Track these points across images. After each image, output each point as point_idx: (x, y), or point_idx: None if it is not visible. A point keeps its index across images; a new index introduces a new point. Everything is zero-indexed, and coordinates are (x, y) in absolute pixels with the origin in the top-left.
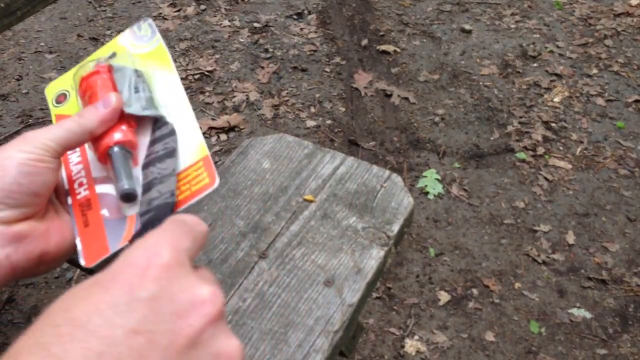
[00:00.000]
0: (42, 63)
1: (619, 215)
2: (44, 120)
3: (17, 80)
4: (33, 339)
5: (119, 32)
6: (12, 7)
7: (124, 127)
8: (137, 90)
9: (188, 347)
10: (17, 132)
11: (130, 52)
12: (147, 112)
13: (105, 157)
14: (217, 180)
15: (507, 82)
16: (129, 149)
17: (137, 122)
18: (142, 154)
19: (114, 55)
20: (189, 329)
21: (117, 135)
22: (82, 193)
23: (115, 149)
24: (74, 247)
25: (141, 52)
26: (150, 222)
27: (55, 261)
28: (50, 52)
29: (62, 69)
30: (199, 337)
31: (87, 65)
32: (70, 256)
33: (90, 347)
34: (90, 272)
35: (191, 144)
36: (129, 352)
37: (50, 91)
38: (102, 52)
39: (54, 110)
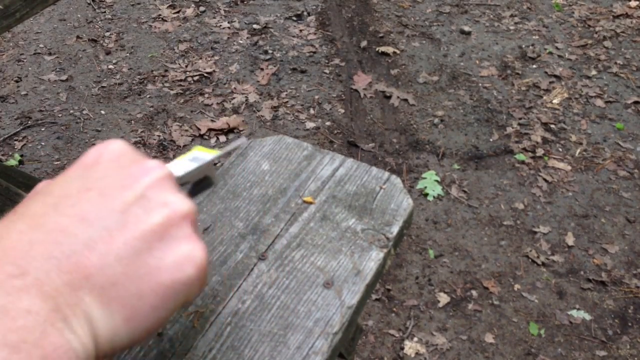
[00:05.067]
0: (41, 65)
1: (619, 216)
2: (42, 121)
3: (17, 82)
4: None
5: (118, 33)
6: (11, 9)
7: None
8: None
9: (137, 197)
10: (16, 134)
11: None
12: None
13: None
14: None
15: (507, 84)
16: None
17: None
18: None
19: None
20: (137, 185)
21: None
22: None
23: None
24: None
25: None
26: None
27: None
28: (50, 54)
29: (61, 71)
30: (146, 191)
31: None
32: None
33: (47, 202)
34: None
35: None
36: (80, 203)
37: None
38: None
39: None
